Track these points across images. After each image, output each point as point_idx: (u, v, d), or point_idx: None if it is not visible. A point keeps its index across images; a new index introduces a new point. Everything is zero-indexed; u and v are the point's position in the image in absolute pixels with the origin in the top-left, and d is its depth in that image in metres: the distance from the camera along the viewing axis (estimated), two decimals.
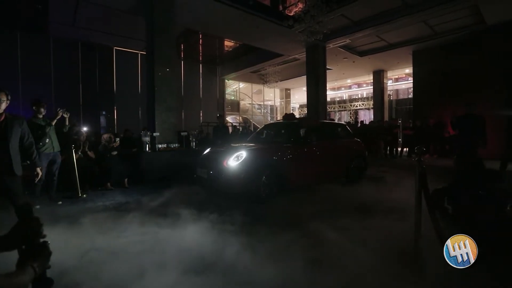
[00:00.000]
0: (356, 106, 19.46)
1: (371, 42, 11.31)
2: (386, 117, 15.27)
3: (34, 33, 10.75)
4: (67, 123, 4.23)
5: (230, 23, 8.77)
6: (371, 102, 17.30)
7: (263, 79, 16.69)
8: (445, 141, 9.95)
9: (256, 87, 20.09)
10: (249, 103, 21.00)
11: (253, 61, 14.55)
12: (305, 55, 11.34)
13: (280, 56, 12.89)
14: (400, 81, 19.12)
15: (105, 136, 5.41)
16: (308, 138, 4.94)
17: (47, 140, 3.86)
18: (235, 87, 20.43)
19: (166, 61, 7.04)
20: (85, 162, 5.15)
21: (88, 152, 5.33)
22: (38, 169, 2.88)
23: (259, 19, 8.27)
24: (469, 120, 4.68)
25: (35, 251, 0.80)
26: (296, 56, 12.34)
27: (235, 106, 20.36)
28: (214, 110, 16.96)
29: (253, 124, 19.92)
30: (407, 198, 3.20)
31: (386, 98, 16.25)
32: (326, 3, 6.39)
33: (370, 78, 16.98)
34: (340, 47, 11.13)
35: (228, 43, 15.16)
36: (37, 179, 2.91)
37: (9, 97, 2.58)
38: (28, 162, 2.87)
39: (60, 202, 4.18)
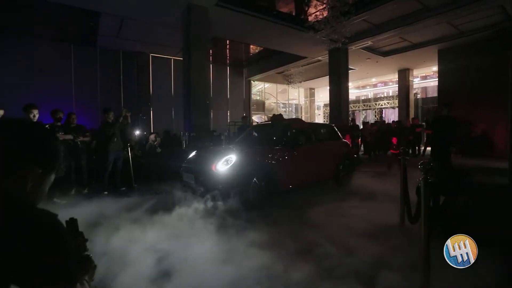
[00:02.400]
0: (381, 105, 19.34)
1: (394, 43, 11.47)
2: (412, 116, 15.18)
3: (84, 45, 12.22)
4: (129, 120, 5.20)
5: (255, 31, 9.51)
6: (397, 101, 17.19)
7: (287, 80, 17.28)
8: (471, 140, 9.94)
9: (281, 86, 20.66)
10: (274, 102, 21.62)
11: (278, 63, 15.18)
12: (327, 56, 11.78)
13: (303, 58, 13.41)
14: (429, 78, 18.71)
15: (152, 136, 6.39)
16: (297, 140, 4.84)
17: (115, 139, 4.85)
18: (260, 87, 21.16)
19: (199, 68, 7.92)
20: (134, 158, 6.15)
21: (136, 151, 6.34)
22: None
23: (282, 27, 8.92)
24: (445, 122, 4.55)
25: (85, 265, 0.81)
26: (319, 58, 12.79)
27: (260, 106, 21.10)
28: (240, 110, 17.83)
29: None
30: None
31: (411, 97, 16.12)
32: (344, 15, 6.87)
33: (395, 76, 16.89)
34: (362, 48, 11.43)
35: (254, 47, 15.91)
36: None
37: None
38: None
39: (124, 188, 5.17)
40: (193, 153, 4.99)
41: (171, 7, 7.44)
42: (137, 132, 8.14)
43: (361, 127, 11.55)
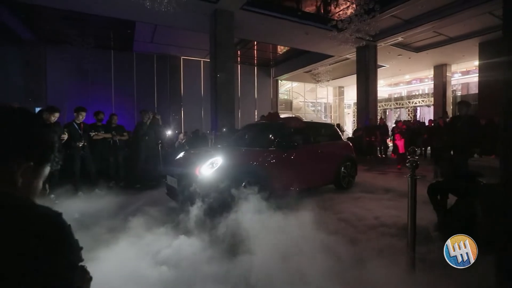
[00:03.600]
0: (415, 103, 18.38)
1: (427, 37, 10.91)
2: (450, 115, 14.26)
3: (123, 51, 13.22)
4: (159, 121, 5.67)
5: (280, 32, 9.64)
6: (433, 99, 16.24)
7: (315, 78, 17.13)
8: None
9: (309, 85, 20.49)
10: (301, 101, 21.50)
11: (305, 62, 15.12)
12: (355, 54, 11.54)
13: (331, 57, 13.24)
14: (471, 73, 17.32)
15: (181, 135, 6.83)
16: (293, 141, 4.46)
17: (147, 137, 5.33)
18: (288, 87, 21.17)
19: (226, 70, 8.25)
20: (164, 156, 6.63)
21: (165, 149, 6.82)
22: None
23: (307, 27, 8.95)
24: (465, 121, 4.14)
25: (80, 278, 0.72)
26: (347, 56, 12.56)
27: (288, 105, 21.12)
28: (267, 109, 17.99)
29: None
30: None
31: (449, 94, 15.14)
32: (368, 13, 6.74)
33: (431, 73, 15.96)
34: (392, 45, 11.03)
35: (281, 46, 16.01)
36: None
37: None
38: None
39: (154, 182, 5.63)
40: (181, 154, 4.62)
41: (199, 13, 7.85)
42: (169, 132, 8.70)
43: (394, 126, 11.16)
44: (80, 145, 5.03)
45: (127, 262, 2.35)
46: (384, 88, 21.11)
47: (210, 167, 3.63)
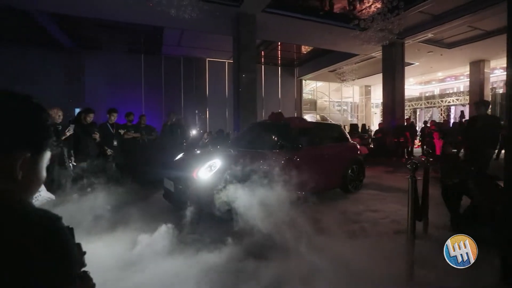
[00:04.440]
0: (449, 102, 17.34)
1: (461, 32, 10.30)
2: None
3: (152, 54, 13.93)
4: (182, 122, 6.00)
5: (303, 32, 9.63)
6: (468, 97, 15.24)
7: (340, 78, 16.81)
8: None
9: (334, 85, 20.15)
10: (326, 101, 21.17)
11: (329, 61, 14.89)
12: (381, 52, 11.19)
13: (356, 55, 12.94)
14: None
15: (205, 134, 7.13)
16: (298, 142, 4.25)
17: (168, 137, 5.68)
18: (313, 86, 20.95)
19: (248, 71, 8.44)
20: None
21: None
22: None
23: (329, 26, 8.86)
24: (485, 121, 3.85)
25: (82, 285, 0.68)
26: (373, 54, 12.21)
27: (312, 105, 20.92)
28: (291, 109, 18.02)
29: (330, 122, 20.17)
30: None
31: (487, 92, 14.12)
32: (391, 11, 6.54)
33: (467, 69, 14.99)
34: (421, 41, 10.55)
35: (305, 46, 15.91)
36: None
37: None
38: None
39: None
40: (180, 156, 4.45)
41: (222, 17, 8.10)
42: (194, 132, 9.09)
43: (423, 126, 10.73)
44: (114, 144, 5.48)
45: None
46: (414, 87, 20.16)
47: (208, 170, 3.46)
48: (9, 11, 7.98)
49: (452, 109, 17.53)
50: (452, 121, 13.52)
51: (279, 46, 15.00)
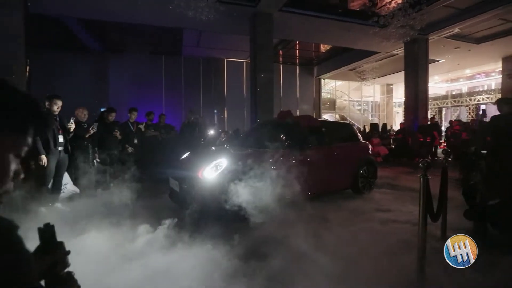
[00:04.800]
0: (478, 100, 16.41)
1: (491, 26, 9.72)
2: None
3: (172, 56, 14.33)
4: (199, 121, 6.17)
5: (321, 31, 9.51)
6: (500, 95, 14.34)
7: (360, 76, 16.42)
8: None
9: (354, 84, 19.71)
10: (345, 100, 20.75)
11: (349, 60, 14.59)
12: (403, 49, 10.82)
13: (377, 53, 12.59)
14: None
15: (223, 134, 7.27)
16: (307, 141, 4.14)
17: (187, 135, 5.85)
18: (332, 85, 20.61)
19: (265, 71, 8.47)
20: None
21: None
22: None
23: (348, 24, 8.69)
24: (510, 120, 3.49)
25: (62, 285, 0.64)
26: (394, 51, 11.82)
27: (331, 104, 20.57)
28: (309, 108, 17.84)
29: (350, 122, 19.75)
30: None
31: None
32: (413, 6, 6.29)
33: (498, 66, 14.12)
34: (447, 37, 10.07)
35: (323, 45, 15.70)
36: None
37: None
38: None
39: None
40: (186, 155, 4.35)
41: (239, 17, 8.18)
42: (212, 131, 9.26)
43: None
44: (135, 142, 5.74)
45: None
46: (440, 85, 19.26)
47: (214, 169, 3.38)
48: (42, 19, 8.58)
49: (482, 108, 16.57)
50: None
51: (297, 45, 14.91)
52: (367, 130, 13.38)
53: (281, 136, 4.27)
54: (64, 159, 4.23)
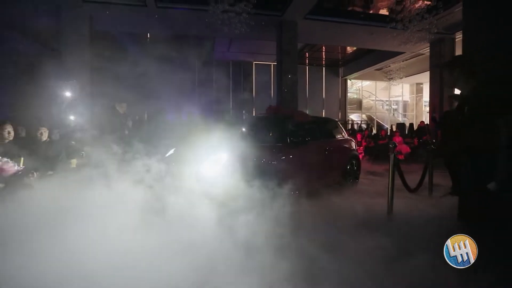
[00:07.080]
0: None
1: None
2: None
3: (204, 60, 15.46)
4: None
5: (345, 35, 10.01)
6: None
7: (387, 76, 16.42)
8: None
9: (382, 83, 19.58)
10: (372, 100, 20.62)
11: (375, 60, 14.68)
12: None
13: (403, 53, 12.69)
14: None
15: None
16: (297, 137, 4.00)
17: None
18: (358, 85, 20.62)
19: (290, 74, 9.17)
20: None
21: None
22: None
23: (371, 28, 9.09)
24: None
25: None
26: (420, 51, 11.88)
27: (358, 104, 20.58)
28: (336, 109, 18.15)
29: (377, 122, 19.68)
30: None
31: None
32: (429, 11, 6.57)
33: None
34: None
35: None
36: None
37: None
38: None
39: None
40: (171, 151, 3.95)
41: (266, 25, 8.95)
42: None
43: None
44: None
45: None
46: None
47: (209, 166, 3.32)
48: None
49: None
50: None
51: (323, 48, 15.35)
52: (394, 129, 13.47)
53: (278, 131, 4.21)
54: None
